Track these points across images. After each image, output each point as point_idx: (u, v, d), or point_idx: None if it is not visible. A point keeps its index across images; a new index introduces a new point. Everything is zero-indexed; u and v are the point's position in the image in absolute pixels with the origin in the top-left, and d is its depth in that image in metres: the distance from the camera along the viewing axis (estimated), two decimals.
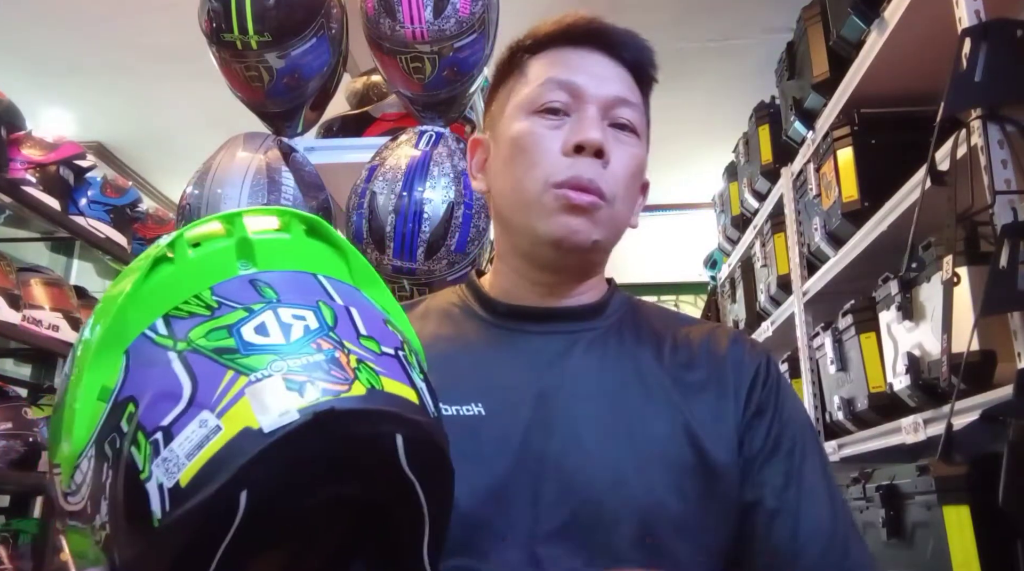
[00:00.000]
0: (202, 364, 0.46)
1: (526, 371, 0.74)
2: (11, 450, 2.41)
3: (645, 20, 3.26)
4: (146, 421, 0.44)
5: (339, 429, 0.45)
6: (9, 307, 2.38)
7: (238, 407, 0.44)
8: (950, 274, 1.38)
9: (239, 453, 0.42)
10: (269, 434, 0.43)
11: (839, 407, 1.98)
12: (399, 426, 0.47)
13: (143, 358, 0.47)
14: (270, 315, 0.48)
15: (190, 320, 0.48)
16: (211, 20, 1.43)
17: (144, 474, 0.43)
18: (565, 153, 0.74)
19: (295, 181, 1.48)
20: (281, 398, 0.44)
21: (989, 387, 1.32)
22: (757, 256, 2.95)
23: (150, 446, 0.44)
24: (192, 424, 0.43)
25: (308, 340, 0.47)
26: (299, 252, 0.55)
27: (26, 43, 3.45)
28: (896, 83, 1.89)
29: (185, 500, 0.42)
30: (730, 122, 3.35)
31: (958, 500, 1.27)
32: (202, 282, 0.50)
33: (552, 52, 0.80)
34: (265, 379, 0.44)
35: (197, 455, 0.43)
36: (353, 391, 0.45)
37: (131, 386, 0.46)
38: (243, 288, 0.50)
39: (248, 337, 0.47)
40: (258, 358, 0.45)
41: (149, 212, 3.45)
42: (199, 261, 0.51)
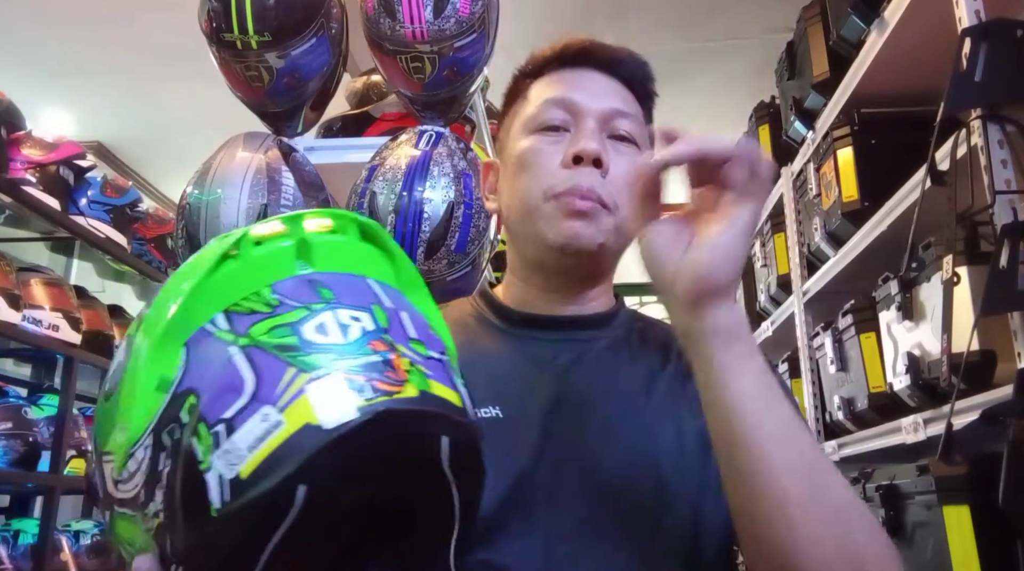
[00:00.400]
0: (264, 360, 0.47)
1: (540, 377, 0.76)
2: (11, 450, 2.41)
3: (646, 20, 3.27)
4: (208, 413, 0.45)
5: (395, 428, 0.46)
6: (9, 307, 2.38)
7: (299, 403, 0.45)
8: (950, 274, 1.38)
9: (301, 448, 0.43)
10: (331, 430, 0.44)
11: (839, 407, 1.98)
12: (447, 428, 0.48)
13: (204, 351, 0.48)
14: (329, 315, 0.49)
15: (251, 316, 0.49)
16: (211, 20, 1.43)
17: (204, 464, 0.44)
18: (565, 165, 0.77)
19: (295, 181, 1.48)
20: (341, 396, 0.45)
21: (989, 387, 1.32)
22: (757, 256, 2.95)
23: (211, 437, 0.45)
24: (254, 418, 0.45)
25: (364, 341, 0.49)
26: (353, 254, 0.57)
27: (26, 43, 3.46)
28: (896, 83, 1.89)
29: (245, 491, 0.43)
30: (730, 122, 3.35)
31: (958, 500, 1.27)
32: (262, 279, 0.52)
33: (550, 74, 0.84)
34: (325, 376, 0.46)
35: (259, 448, 0.44)
36: (406, 392, 0.47)
37: (192, 378, 0.48)
38: (302, 287, 0.51)
39: (309, 336, 0.48)
40: (318, 356, 0.47)
41: (149, 212, 3.45)
42: (260, 259, 0.53)
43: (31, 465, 2.48)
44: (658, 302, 0.66)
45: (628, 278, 0.89)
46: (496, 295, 0.86)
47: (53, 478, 2.54)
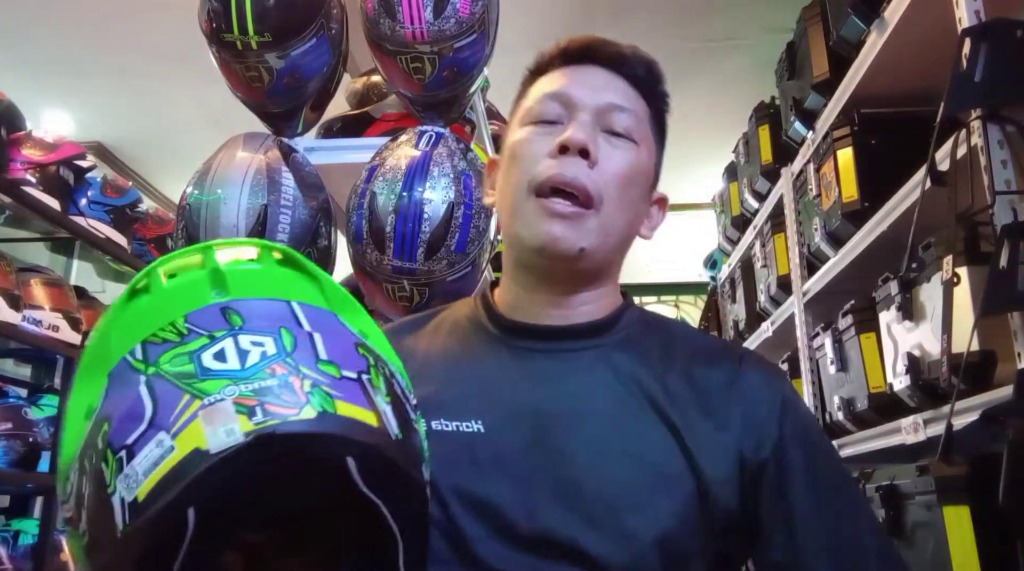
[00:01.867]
0: (164, 388, 0.49)
1: (527, 389, 0.74)
2: (11, 450, 2.41)
3: (646, 20, 3.27)
4: (114, 440, 0.48)
5: (282, 451, 0.48)
6: (9, 307, 2.38)
7: (191, 429, 0.47)
8: (950, 274, 1.38)
9: (186, 471, 0.46)
10: (215, 454, 0.46)
11: (839, 407, 1.98)
12: (348, 448, 0.49)
13: (121, 381, 0.51)
14: (229, 342, 0.51)
15: (162, 346, 0.52)
16: (211, 20, 1.43)
17: (111, 488, 0.48)
18: (551, 155, 0.75)
19: (295, 181, 1.48)
20: (229, 420, 0.47)
21: (989, 387, 1.32)
22: (757, 256, 2.95)
23: (116, 463, 0.48)
24: (150, 444, 0.47)
25: (263, 365, 0.50)
26: (272, 280, 0.58)
27: (26, 43, 3.46)
28: (896, 83, 1.89)
29: (140, 514, 0.46)
30: (730, 122, 3.35)
31: (958, 500, 1.27)
32: (177, 310, 0.54)
33: (553, 72, 0.83)
34: (217, 402, 0.48)
35: (152, 473, 0.47)
36: (303, 415, 0.48)
37: (108, 407, 0.51)
38: (213, 316, 0.54)
39: (207, 363, 0.50)
40: (213, 383, 0.49)
41: (149, 212, 3.45)
42: (173, 290, 0.56)
43: (31, 465, 2.48)
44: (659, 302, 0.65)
45: (630, 278, 0.88)
46: (493, 298, 0.84)
47: (53, 478, 2.54)
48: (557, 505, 0.67)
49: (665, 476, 0.69)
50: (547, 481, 0.68)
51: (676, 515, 0.68)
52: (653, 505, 0.68)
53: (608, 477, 0.69)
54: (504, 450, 0.70)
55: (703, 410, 0.73)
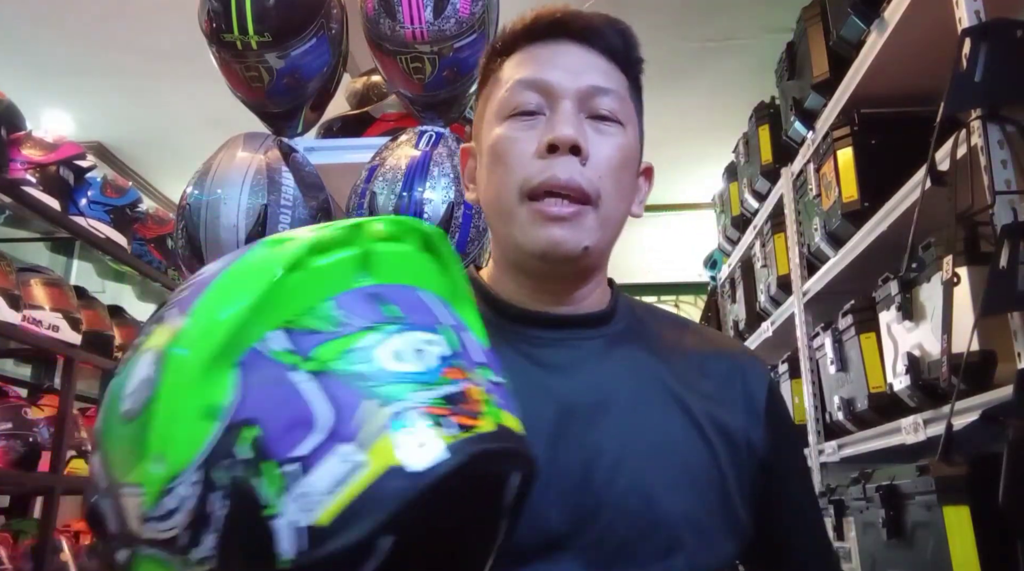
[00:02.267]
0: (337, 389, 0.42)
1: (542, 381, 0.72)
2: (11, 450, 2.41)
3: (645, 20, 3.27)
4: (275, 449, 0.40)
5: (483, 469, 0.43)
6: (9, 307, 2.38)
7: (382, 441, 0.40)
8: (950, 274, 1.38)
9: (389, 492, 0.39)
10: (421, 474, 0.40)
11: (839, 407, 1.98)
12: (524, 465, 0.46)
13: (262, 375, 0.43)
14: (403, 339, 0.45)
15: (314, 336, 0.44)
16: (211, 20, 1.43)
17: (273, 509, 0.40)
18: (539, 155, 0.71)
19: (295, 181, 1.48)
20: (426, 434, 0.41)
21: (989, 387, 1.32)
22: (757, 256, 2.95)
23: (282, 478, 0.40)
24: (331, 457, 0.40)
25: (440, 368, 0.44)
26: (414, 266, 0.52)
27: (26, 43, 3.46)
28: (896, 83, 1.89)
29: (326, 541, 0.39)
30: (730, 122, 3.35)
31: (958, 500, 1.27)
32: (318, 293, 0.46)
33: (522, 51, 0.76)
34: (409, 411, 0.42)
35: (339, 492, 0.39)
36: (484, 427, 0.43)
37: (250, 406, 0.42)
38: (363, 303, 0.46)
39: (384, 363, 0.43)
40: (399, 387, 0.42)
41: (149, 212, 3.45)
42: (322, 270, 0.47)
43: (31, 465, 2.48)
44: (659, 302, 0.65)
45: (630, 278, 0.88)
46: (485, 282, 0.80)
47: (53, 478, 2.54)
48: (586, 495, 0.67)
49: (689, 463, 0.70)
50: (576, 470, 0.67)
51: (701, 498, 0.69)
52: (682, 493, 0.69)
53: (639, 467, 0.68)
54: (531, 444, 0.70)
55: (709, 395, 0.75)
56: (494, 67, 0.79)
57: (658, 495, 0.67)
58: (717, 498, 0.70)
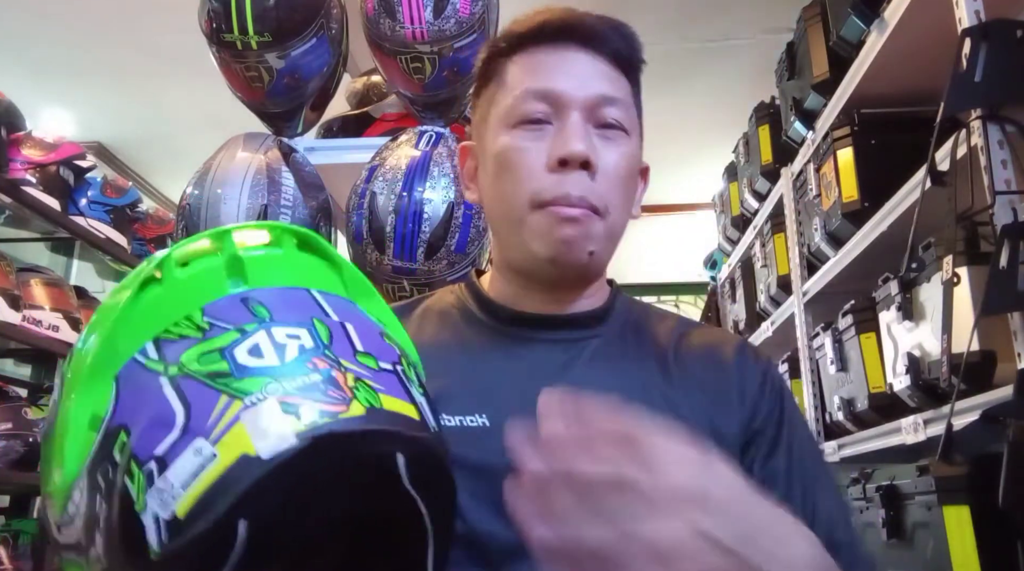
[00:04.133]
0: (195, 389, 0.44)
1: (530, 381, 0.70)
2: (11, 450, 2.41)
3: (645, 20, 3.26)
4: (139, 450, 0.43)
5: (339, 452, 0.44)
6: (9, 307, 2.38)
7: (233, 433, 0.42)
8: (950, 274, 1.38)
9: (237, 481, 0.41)
10: (267, 460, 0.41)
11: (839, 407, 1.98)
12: (400, 445, 0.46)
13: (134, 384, 0.46)
14: (263, 335, 0.46)
15: (181, 342, 0.46)
16: (211, 20, 1.43)
17: (139, 505, 0.42)
18: (550, 168, 0.71)
19: (295, 181, 1.48)
20: (278, 422, 0.43)
21: (989, 387, 1.32)
22: (757, 256, 2.95)
23: (144, 476, 0.42)
24: (187, 452, 0.42)
25: (303, 360, 0.46)
26: (291, 267, 0.53)
27: (26, 43, 3.46)
28: (896, 83, 1.89)
29: (183, 531, 0.41)
30: (730, 122, 3.35)
31: (958, 500, 1.27)
32: (192, 302, 0.48)
33: (528, 54, 0.76)
34: (260, 403, 0.43)
35: (193, 484, 0.41)
36: (352, 411, 0.44)
37: (122, 414, 0.45)
38: (234, 307, 0.48)
39: (242, 359, 0.45)
40: (252, 381, 0.44)
41: (149, 212, 3.45)
42: (188, 281, 0.50)
43: (31, 465, 2.48)
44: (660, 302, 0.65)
45: (630, 278, 0.88)
46: (483, 287, 0.81)
47: None
48: None
49: None
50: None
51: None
52: None
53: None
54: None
55: (703, 389, 0.74)
56: (497, 67, 0.79)
57: None
58: None
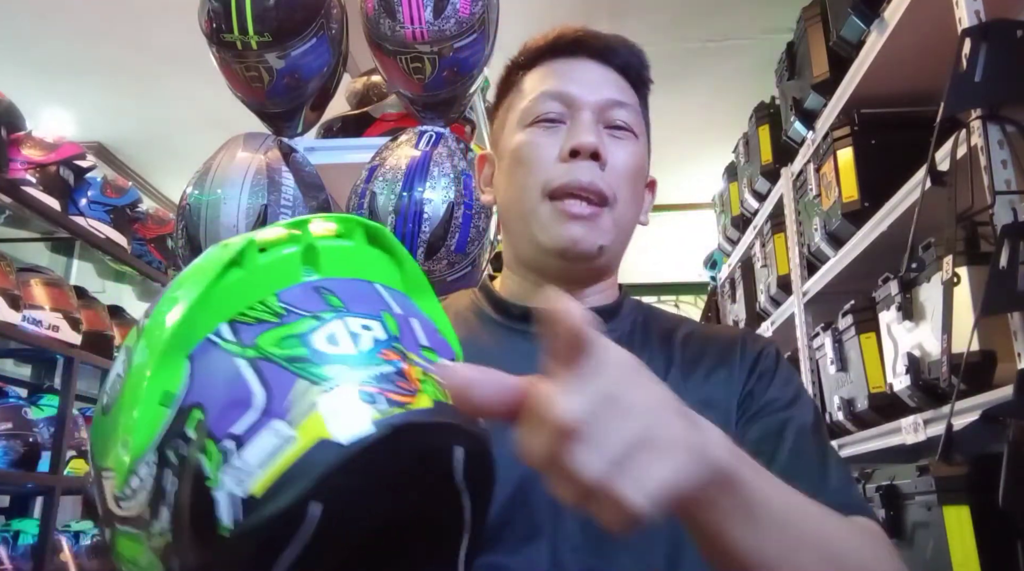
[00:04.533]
0: (273, 372, 0.45)
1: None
2: (11, 450, 2.41)
3: (645, 20, 3.27)
4: (215, 428, 0.44)
5: (411, 442, 0.44)
6: (9, 307, 2.38)
7: (312, 417, 0.43)
8: (950, 274, 1.38)
9: (315, 464, 0.42)
10: (347, 446, 0.42)
11: (839, 407, 1.98)
12: (463, 439, 0.47)
13: (209, 364, 0.46)
14: (339, 324, 0.48)
15: (258, 326, 0.47)
16: (211, 20, 1.43)
17: (213, 482, 0.43)
18: (562, 159, 0.76)
19: (295, 181, 1.48)
20: (356, 409, 0.43)
21: (989, 387, 1.32)
22: (757, 256, 2.95)
23: (220, 454, 0.43)
24: (265, 433, 0.43)
25: (376, 350, 0.47)
26: (360, 259, 0.55)
27: (27, 43, 3.46)
28: (896, 83, 1.89)
29: (258, 509, 0.42)
30: (730, 122, 3.35)
31: (958, 500, 1.27)
32: (268, 288, 0.50)
33: (544, 65, 0.82)
34: (337, 389, 0.44)
35: (271, 465, 0.42)
36: (419, 403, 0.45)
37: (197, 392, 0.46)
38: (309, 295, 0.50)
39: (319, 346, 0.46)
40: (329, 368, 0.45)
41: (149, 212, 3.45)
42: (265, 267, 0.51)
43: (31, 465, 2.48)
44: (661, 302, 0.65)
45: (630, 278, 0.88)
46: (495, 289, 0.85)
47: (53, 478, 2.54)
48: None
49: None
50: None
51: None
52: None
53: None
54: None
55: (705, 374, 0.76)
56: (515, 79, 0.84)
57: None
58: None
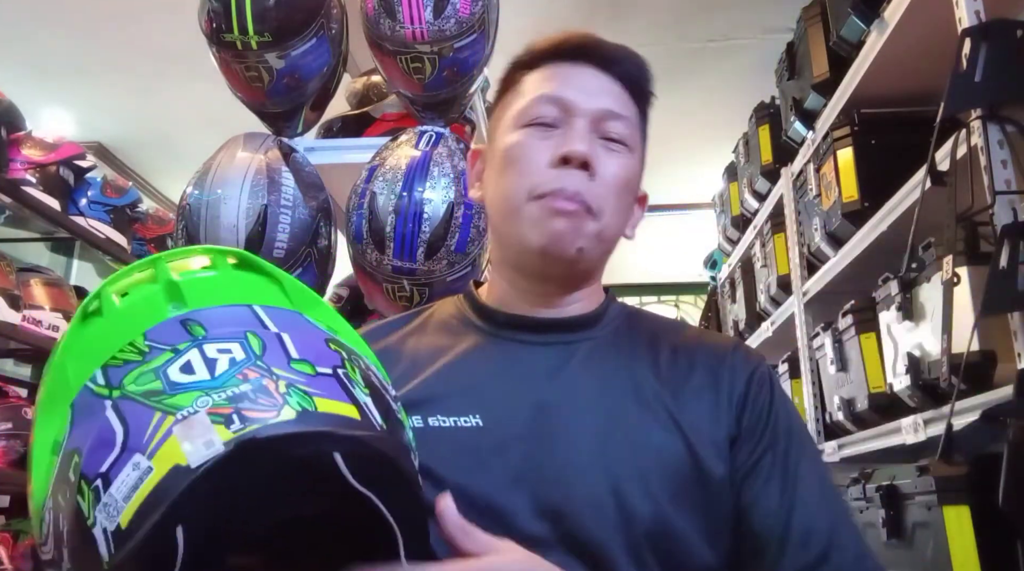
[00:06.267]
0: (132, 409, 0.47)
1: (523, 383, 0.74)
2: (11, 450, 2.41)
3: (645, 20, 3.27)
4: (87, 469, 0.46)
5: (268, 455, 0.46)
6: (9, 307, 2.37)
7: (167, 446, 0.45)
8: (950, 274, 1.38)
9: (169, 490, 0.44)
10: (195, 468, 0.44)
11: (839, 407, 1.98)
12: (334, 444, 0.48)
13: (85, 409, 0.49)
14: (195, 353, 0.49)
15: (124, 367, 0.50)
16: (211, 20, 1.43)
17: (90, 520, 0.45)
18: (552, 165, 0.75)
19: (295, 181, 1.48)
20: (206, 432, 0.45)
21: (989, 387, 1.32)
22: (757, 256, 2.95)
23: (92, 493, 0.46)
24: (126, 468, 0.45)
25: (234, 372, 0.48)
26: (230, 286, 0.57)
27: (27, 43, 3.46)
28: (896, 83, 1.89)
29: (126, 541, 0.44)
30: (730, 122, 3.35)
31: (958, 500, 1.27)
32: (135, 329, 0.52)
33: (546, 67, 0.82)
34: (191, 416, 0.46)
35: (133, 497, 0.44)
36: (283, 416, 0.47)
37: (75, 438, 0.48)
38: (174, 330, 0.51)
39: (174, 377, 0.48)
40: (184, 396, 0.47)
41: (149, 212, 3.45)
42: (127, 309, 0.54)
43: None
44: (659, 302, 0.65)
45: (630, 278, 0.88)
46: (480, 296, 0.85)
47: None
48: (559, 493, 0.68)
49: (664, 462, 0.70)
50: (550, 469, 0.69)
51: (676, 499, 0.69)
52: (654, 491, 0.68)
53: (609, 467, 0.69)
54: (504, 442, 0.70)
55: (693, 393, 0.75)
56: (515, 78, 0.84)
57: (630, 497, 0.68)
58: (694, 504, 0.70)
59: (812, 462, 0.75)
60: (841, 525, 0.72)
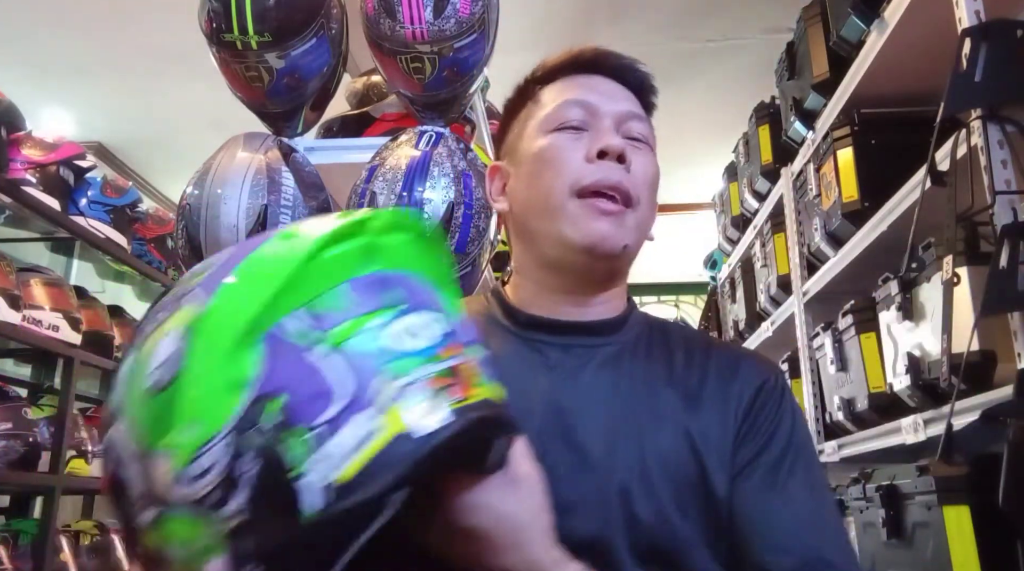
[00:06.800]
0: (354, 364, 0.48)
1: (542, 382, 0.76)
2: (11, 450, 2.41)
3: (645, 21, 3.27)
4: (300, 417, 0.46)
5: (479, 434, 0.49)
6: (9, 307, 2.37)
7: (392, 411, 0.46)
8: (950, 274, 1.38)
9: (400, 455, 0.45)
10: (429, 436, 0.46)
11: (839, 407, 1.98)
12: (510, 430, 0.52)
13: (284, 352, 0.48)
14: (409, 319, 0.51)
15: (330, 317, 0.49)
16: (211, 20, 1.43)
17: (298, 470, 0.45)
18: (589, 159, 0.78)
19: (295, 181, 1.48)
20: (432, 403, 0.47)
21: (989, 387, 1.32)
22: (757, 256, 2.95)
23: (306, 443, 0.45)
24: (349, 424, 0.46)
25: (442, 345, 0.51)
26: (412, 254, 0.57)
27: (27, 43, 3.46)
28: (896, 83, 1.89)
29: (344, 497, 0.44)
30: (730, 122, 3.35)
31: (958, 500, 1.27)
32: (333, 279, 0.52)
33: (563, 80, 0.86)
34: (417, 382, 0.48)
35: (356, 456, 0.45)
36: (481, 395, 0.50)
37: (276, 379, 0.47)
38: (372, 287, 0.52)
39: (395, 340, 0.49)
40: (406, 362, 0.48)
41: (149, 212, 3.45)
42: (331, 260, 0.53)
43: (31, 466, 2.48)
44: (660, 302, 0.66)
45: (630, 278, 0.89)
46: (506, 295, 0.87)
47: (53, 478, 2.54)
48: (568, 491, 0.69)
49: (670, 465, 0.72)
50: (559, 471, 0.69)
51: (681, 503, 0.70)
52: (659, 494, 0.70)
53: (617, 468, 0.71)
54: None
55: (705, 403, 0.76)
56: (531, 93, 0.87)
57: (635, 498, 0.69)
58: (701, 511, 0.71)
59: (806, 478, 0.75)
60: (826, 543, 0.72)
